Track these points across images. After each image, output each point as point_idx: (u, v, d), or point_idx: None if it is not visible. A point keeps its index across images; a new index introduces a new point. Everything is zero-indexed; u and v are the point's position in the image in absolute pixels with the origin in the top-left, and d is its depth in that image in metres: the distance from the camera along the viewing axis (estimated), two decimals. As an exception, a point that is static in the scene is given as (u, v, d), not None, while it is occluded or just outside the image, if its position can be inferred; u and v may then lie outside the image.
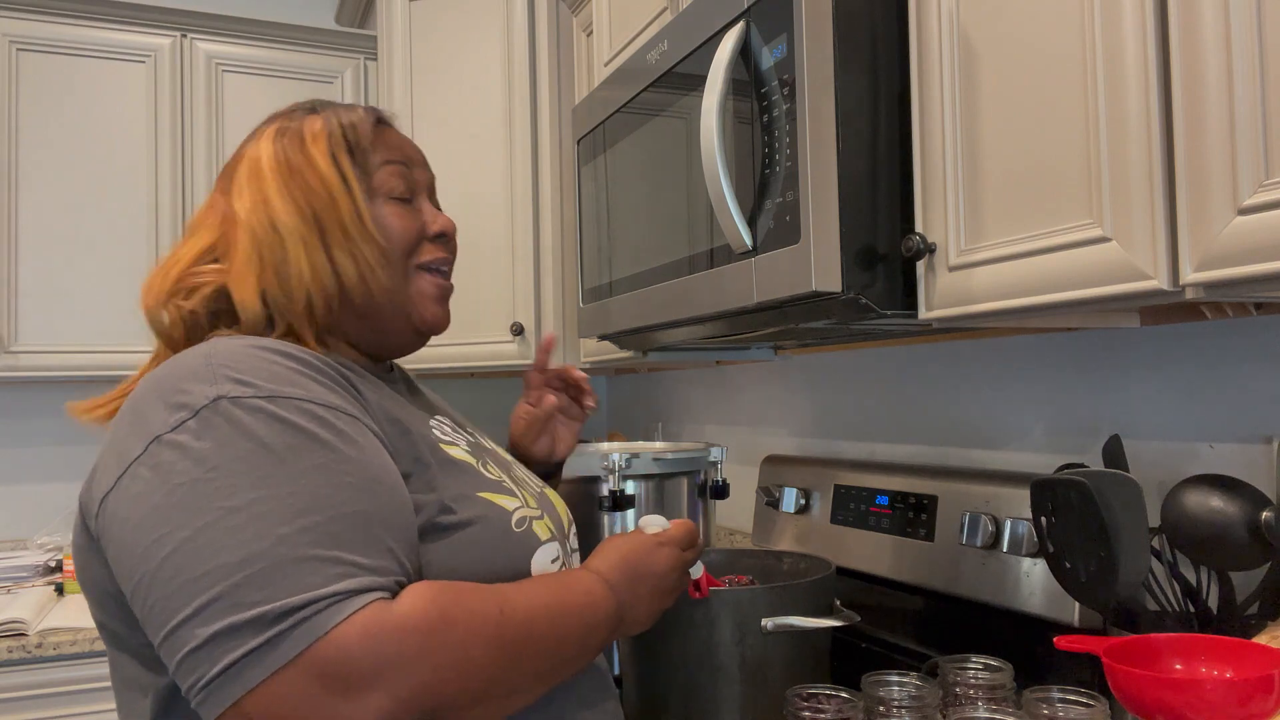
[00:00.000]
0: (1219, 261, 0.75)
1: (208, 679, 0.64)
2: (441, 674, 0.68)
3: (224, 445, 0.70)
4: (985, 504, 1.33)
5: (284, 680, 0.64)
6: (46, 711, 2.00)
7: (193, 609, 0.65)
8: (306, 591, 0.65)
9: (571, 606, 0.81)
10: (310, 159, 0.88)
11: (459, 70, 2.32)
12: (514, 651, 0.74)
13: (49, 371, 2.32)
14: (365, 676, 0.65)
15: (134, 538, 0.69)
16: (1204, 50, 0.76)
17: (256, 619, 0.64)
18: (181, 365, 0.76)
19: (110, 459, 0.74)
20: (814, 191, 1.04)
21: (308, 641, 0.64)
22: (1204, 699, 0.77)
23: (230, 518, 0.67)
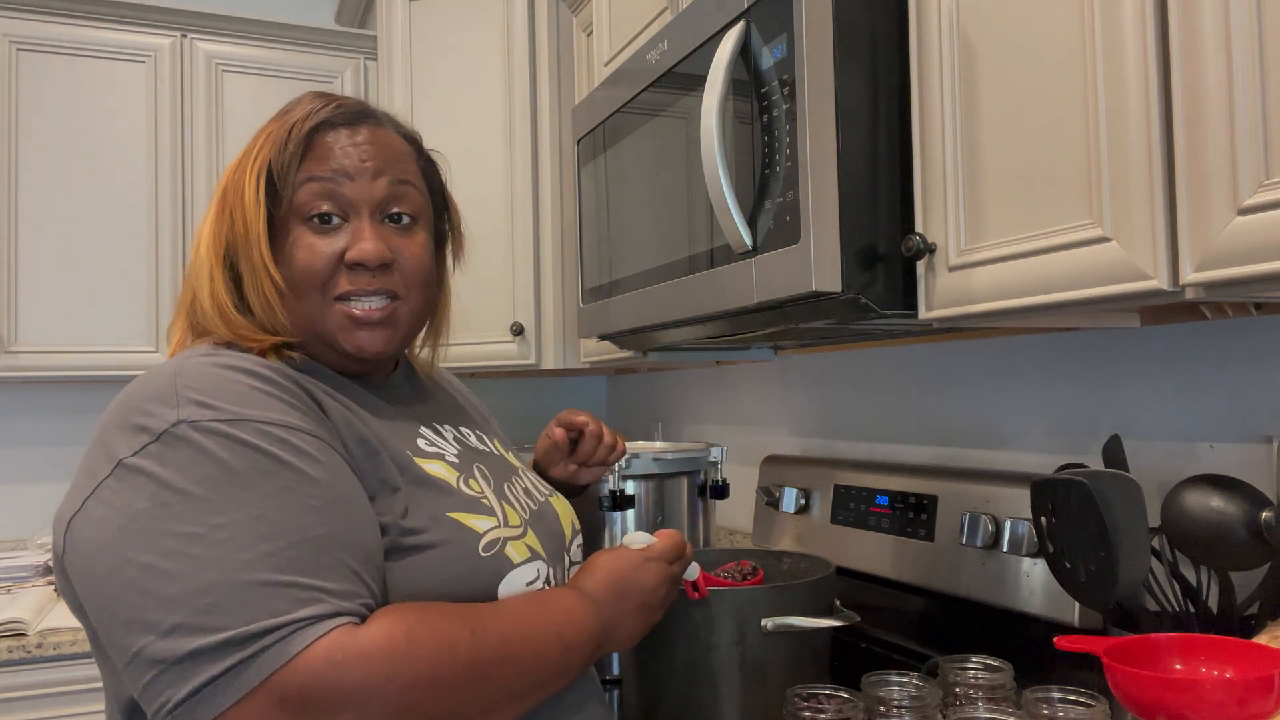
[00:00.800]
0: (1219, 261, 0.75)
1: (175, 702, 0.64)
2: (410, 698, 0.68)
3: (185, 470, 0.70)
4: (985, 504, 1.33)
5: (250, 706, 0.64)
6: (46, 711, 2.00)
7: (157, 634, 0.65)
8: (271, 617, 0.65)
9: (549, 626, 0.80)
10: (241, 182, 0.85)
11: (459, 70, 2.32)
12: (486, 672, 0.73)
13: (49, 371, 2.32)
14: (330, 703, 0.65)
15: (97, 561, 0.69)
16: (1204, 50, 0.76)
17: (222, 644, 0.64)
18: (148, 385, 0.76)
19: (81, 478, 0.74)
20: (814, 191, 1.04)
21: (272, 668, 0.64)
22: (1204, 699, 0.77)
23: (191, 544, 0.67)
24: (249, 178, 0.84)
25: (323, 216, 0.85)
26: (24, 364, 2.30)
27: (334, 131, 0.86)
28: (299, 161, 0.84)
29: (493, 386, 2.93)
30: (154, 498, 0.69)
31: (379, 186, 0.86)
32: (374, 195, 0.86)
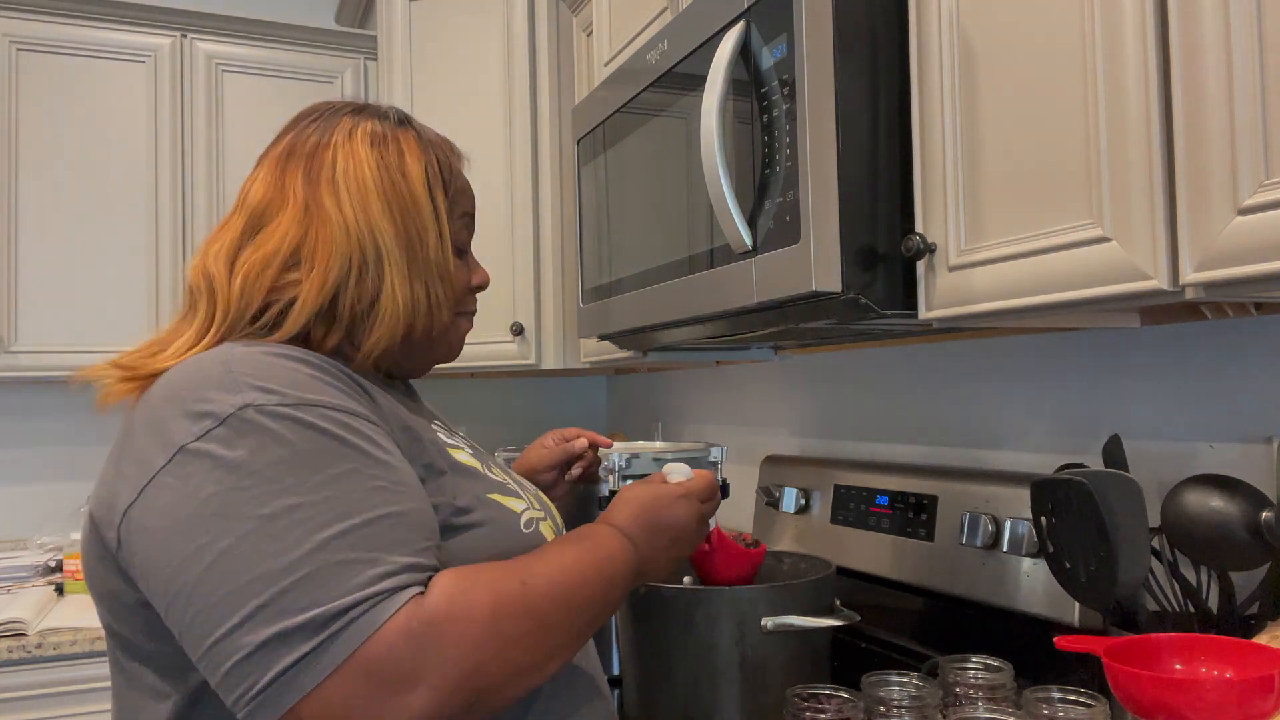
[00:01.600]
0: (1219, 261, 0.75)
1: (260, 687, 0.64)
2: (480, 656, 0.69)
3: (255, 453, 0.69)
4: (985, 504, 1.33)
5: (336, 684, 0.64)
6: (46, 711, 2.00)
7: (239, 618, 0.65)
8: (352, 594, 0.65)
9: (591, 565, 0.81)
10: (410, 182, 0.88)
11: (459, 70, 2.32)
12: (543, 619, 0.74)
13: (49, 371, 2.32)
14: (411, 671, 0.65)
15: (168, 550, 0.69)
16: (1204, 50, 0.76)
17: (305, 624, 0.64)
18: (199, 373, 0.75)
19: (129, 469, 0.73)
20: (814, 191, 1.04)
21: (357, 643, 0.64)
22: (1204, 699, 0.77)
23: (269, 525, 0.67)
24: (419, 186, 0.89)
25: (461, 250, 0.96)
26: (24, 364, 2.30)
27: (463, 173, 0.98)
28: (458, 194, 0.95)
29: (493, 386, 2.93)
30: (223, 481, 0.68)
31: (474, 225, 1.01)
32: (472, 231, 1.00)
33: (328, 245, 0.84)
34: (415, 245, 0.88)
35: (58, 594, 2.34)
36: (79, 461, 2.60)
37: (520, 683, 0.72)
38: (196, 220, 2.46)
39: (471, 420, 2.86)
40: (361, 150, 0.87)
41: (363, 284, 0.84)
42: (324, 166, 0.87)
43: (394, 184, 0.87)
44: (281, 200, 0.86)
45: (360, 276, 0.84)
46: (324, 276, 0.83)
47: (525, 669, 0.72)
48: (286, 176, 0.88)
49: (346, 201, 0.85)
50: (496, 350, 2.27)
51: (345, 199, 0.85)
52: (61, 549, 2.42)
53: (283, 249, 0.84)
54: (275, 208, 0.86)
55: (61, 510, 2.58)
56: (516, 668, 0.71)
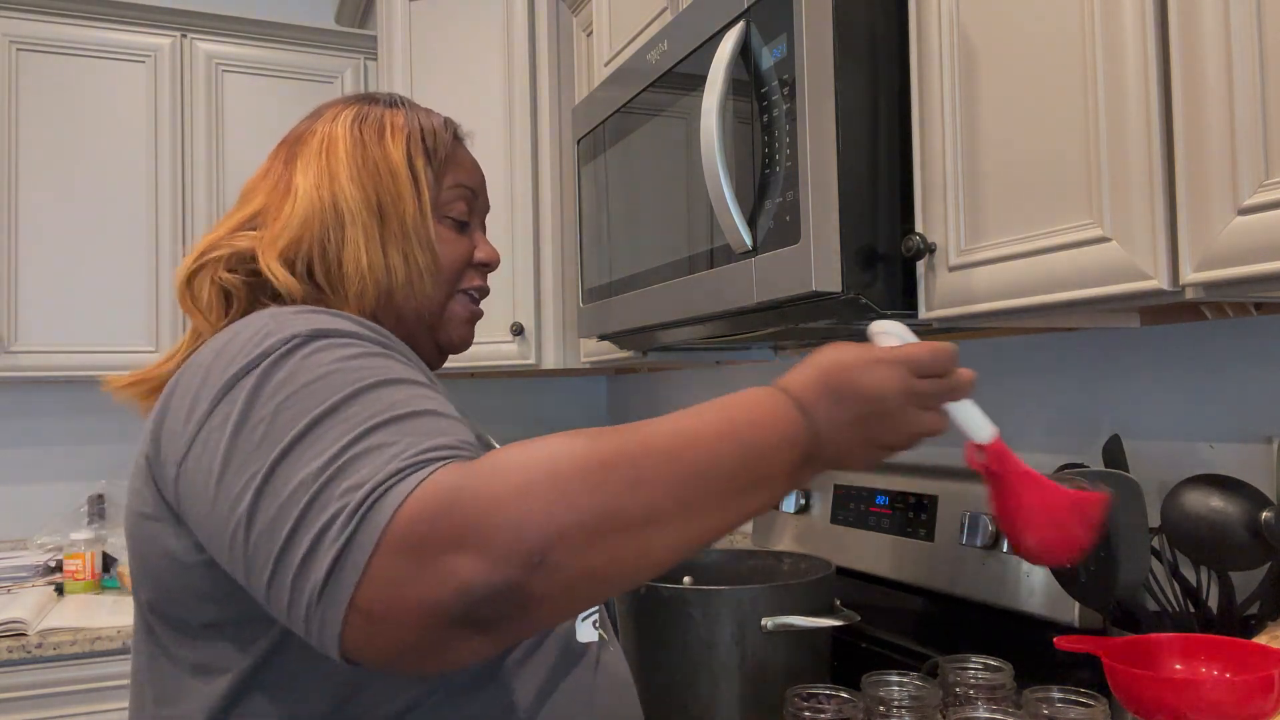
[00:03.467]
0: (1219, 261, 0.75)
1: (319, 585, 0.58)
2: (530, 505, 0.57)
3: (295, 374, 0.67)
4: (985, 504, 1.33)
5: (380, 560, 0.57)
6: (46, 711, 2.00)
7: (292, 524, 0.60)
8: (389, 464, 0.60)
9: (721, 423, 0.67)
10: (386, 151, 0.88)
11: (459, 70, 2.32)
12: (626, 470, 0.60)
13: (49, 371, 2.32)
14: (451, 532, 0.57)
15: (223, 487, 0.65)
16: (1204, 50, 0.76)
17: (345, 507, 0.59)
18: (247, 328, 0.73)
19: (179, 422, 0.71)
20: (814, 191, 1.04)
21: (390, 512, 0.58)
22: (1204, 699, 0.77)
23: (314, 429, 0.63)
24: (396, 152, 0.88)
25: (460, 221, 0.93)
26: (24, 364, 2.30)
27: (464, 146, 0.97)
28: (448, 164, 0.93)
29: (493, 386, 2.93)
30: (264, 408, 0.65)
31: (488, 204, 0.98)
32: (485, 208, 0.98)
33: (288, 211, 0.85)
34: (388, 211, 0.86)
35: (58, 594, 2.34)
36: (79, 461, 2.60)
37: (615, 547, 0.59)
38: (196, 220, 2.46)
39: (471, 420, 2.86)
40: (340, 129, 0.89)
41: (326, 246, 0.84)
42: (302, 146, 0.89)
43: (367, 151, 0.88)
44: (262, 182, 0.89)
45: (323, 241, 0.84)
46: (276, 234, 0.84)
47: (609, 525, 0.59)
48: (272, 163, 0.91)
49: (313, 172, 0.86)
50: (496, 350, 2.27)
51: (313, 170, 0.87)
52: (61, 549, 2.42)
53: (237, 218, 0.87)
54: (254, 190, 0.89)
55: (61, 510, 2.58)
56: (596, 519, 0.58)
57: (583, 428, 0.64)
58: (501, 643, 0.60)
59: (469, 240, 0.94)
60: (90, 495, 2.58)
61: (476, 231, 0.96)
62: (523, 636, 0.61)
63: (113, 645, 2.03)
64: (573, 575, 0.58)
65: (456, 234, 0.93)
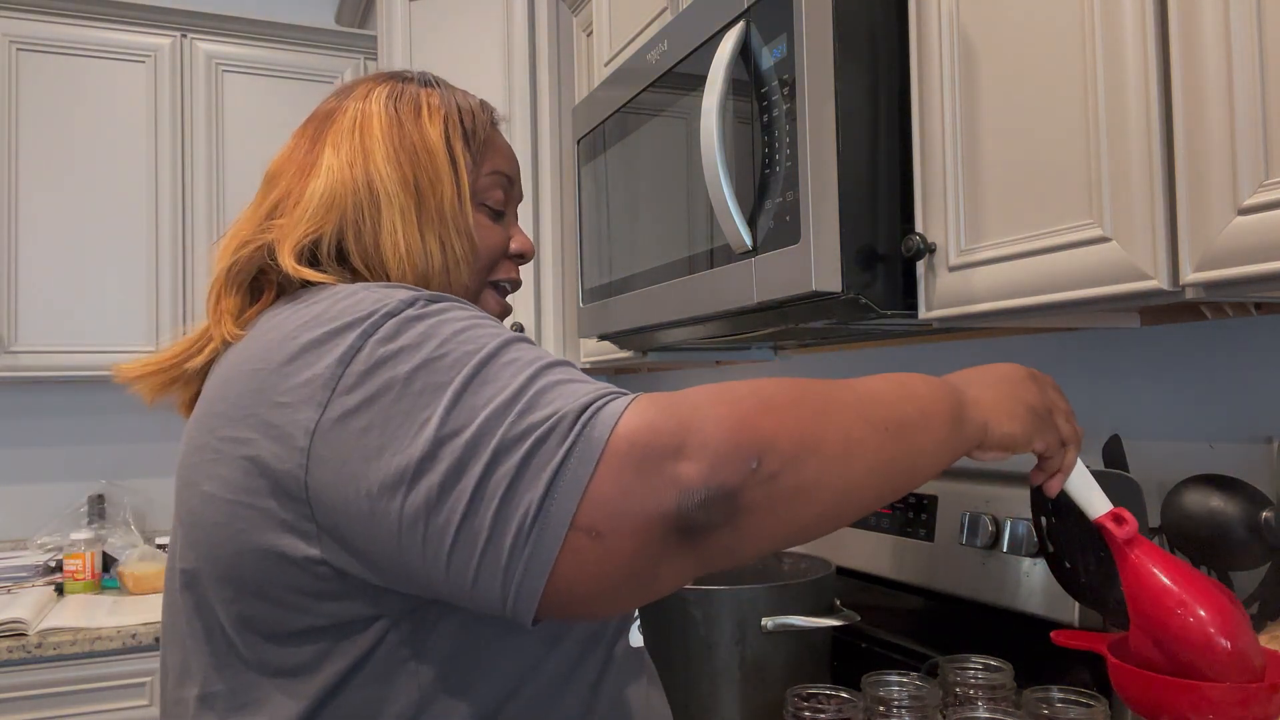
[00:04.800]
0: (1219, 261, 0.75)
1: (538, 500, 0.56)
2: (743, 410, 0.60)
3: (436, 327, 0.64)
4: (985, 504, 1.33)
5: (605, 473, 0.57)
6: (46, 711, 2.00)
7: (492, 450, 0.57)
8: (587, 394, 0.60)
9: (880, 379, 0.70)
10: (424, 131, 0.84)
11: (459, 70, 2.32)
12: (818, 396, 0.64)
13: (49, 371, 2.32)
14: (672, 439, 0.58)
15: (387, 438, 0.61)
16: (1204, 50, 0.76)
17: (555, 424, 0.58)
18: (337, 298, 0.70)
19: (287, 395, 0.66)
20: (814, 191, 1.04)
21: (610, 424, 0.58)
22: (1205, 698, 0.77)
23: (482, 370, 0.61)
24: (434, 133, 0.84)
25: (496, 210, 0.90)
26: (24, 364, 2.30)
27: (500, 132, 0.92)
28: (486, 150, 0.89)
29: (493, 386, 2.92)
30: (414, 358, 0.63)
31: (521, 191, 0.94)
32: (519, 197, 0.94)
33: (311, 191, 0.81)
34: (426, 193, 0.83)
35: (58, 594, 2.34)
36: (79, 461, 2.60)
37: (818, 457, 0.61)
38: (196, 220, 2.46)
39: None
40: (374, 105, 0.85)
41: (361, 228, 0.80)
42: (333, 124, 0.85)
43: (403, 131, 0.84)
44: (289, 163, 0.85)
45: (357, 222, 0.80)
46: (297, 219, 0.79)
47: (812, 436, 0.61)
48: (301, 141, 0.86)
49: (346, 150, 0.82)
50: (496, 350, 2.27)
51: (346, 148, 0.82)
52: (61, 549, 2.42)
53: (266, 203, 0.82)
54: (281, 172, 0.85)
55: (61, 510, 2.58)
56: (799, 430, 0.60)
57: None
58: (705, 562, 0.60)
59: (504, 229, 0.90)
60: (90, 495, 2.59)
61: (512, 221, 0.92)
62: (724, 560, 0.60)
63: (113, 645, 2.03)
64: (783, 488, 0.59)
65: (492, 222, 0.89)
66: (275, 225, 0.80)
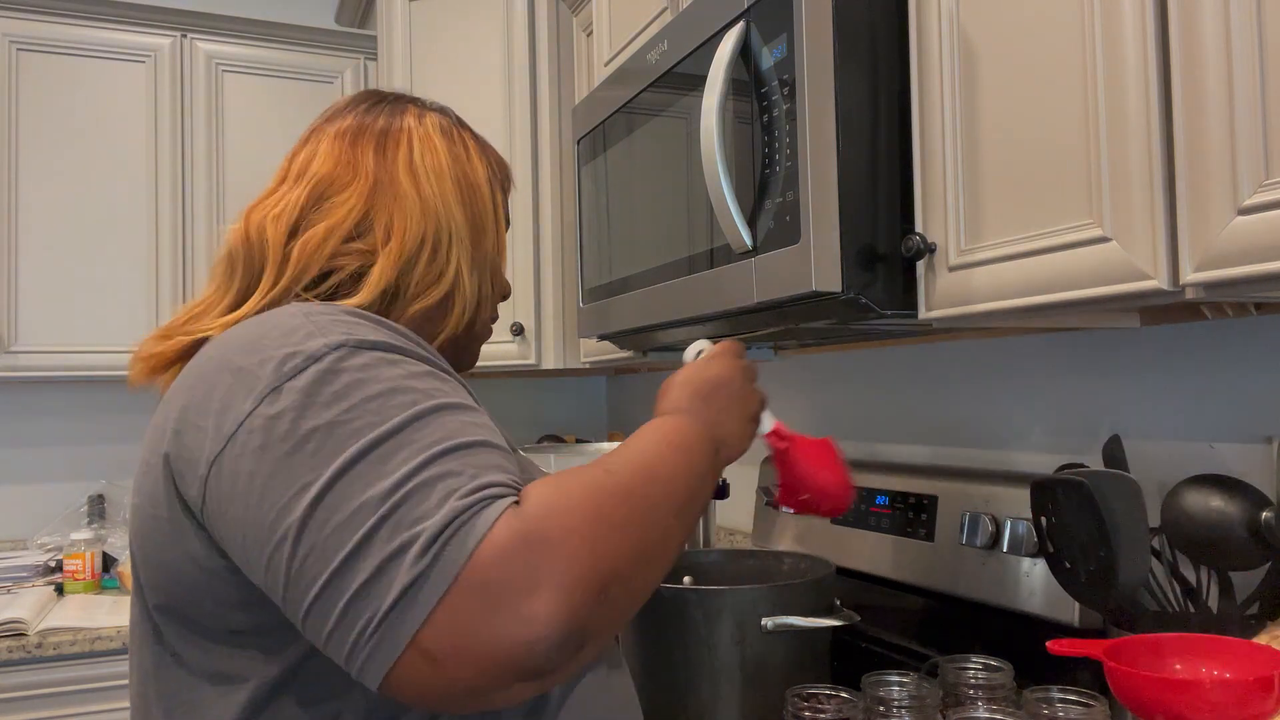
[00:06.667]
0: (1219, 261, 0.75)
1: (381, 614, 0.58)
2: (593, 544, 0.63)
3: (350, 388, 0.66)
4: (985, 504, 1.33)
5: (454, 600, 0.58)
6: (46, 711, 2.00)
7: (355, 542, 0.60)
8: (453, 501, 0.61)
9: (659, 442, 0.76)
10: (477, 176, 0.91)
11: (459, 70, 2.32)
12: (642, 498, 0.69)
13: (49, 371, 2.32)
14: (527, 574, 0.59)
15: (268, 494, 0.63)
16: (1204, 50, 0.76)
17: (419, 536, 0.59)
18: (278, 325, 0.72)
19: (207, 419, 0.69)
20: (814, 191, 1.04)
21: (467, 552, 0.59)
22: (1204, 699, 0.77)
23: (374, 450, 0.63)
24: (483, 183, 0.92)
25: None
26: (24, 364, 2.30)
27: None
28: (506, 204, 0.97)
29: (493, 386, 2.93)
30: (319, 418, 0.64)
31: None
32: None
33: (404, 220, 0.85)
34: (480, 236, 0.90)
35: (58, 594, 2.34)
36: (79, 461, 2.60)
37: (648, 569, 0.67)
38: (196, 220, 2.46)
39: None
40: (435, 137, 0.90)
41: (434, 263, 0.86)
42: (399, 146, 0.88)
43: (465, 174, 0.90)
44: (351, 174, 0.86)
45: (433, 255, 0.86)
46: (400, 247, 0.84)
47: (644, 551, 0.67)
48: (357, 152, 0.87)
49: (425, 181, 0.87)
50: (496, 350, 2.27)
51: (424, 179, 0.87)
52: (61, 549, 2.42)
53: (348, 221, 0.84)
54: (344, 181, 0.86)
55: (61, 510, 2.58)
56: (635, 550, 0.66)
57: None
58: (546, 687, 0.62)
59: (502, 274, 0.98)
60: (90, 495, 2.59)
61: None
62: (561, 681, 0.64)
63: (113, 645, 2.03)
64: (622, 606, 0.64)
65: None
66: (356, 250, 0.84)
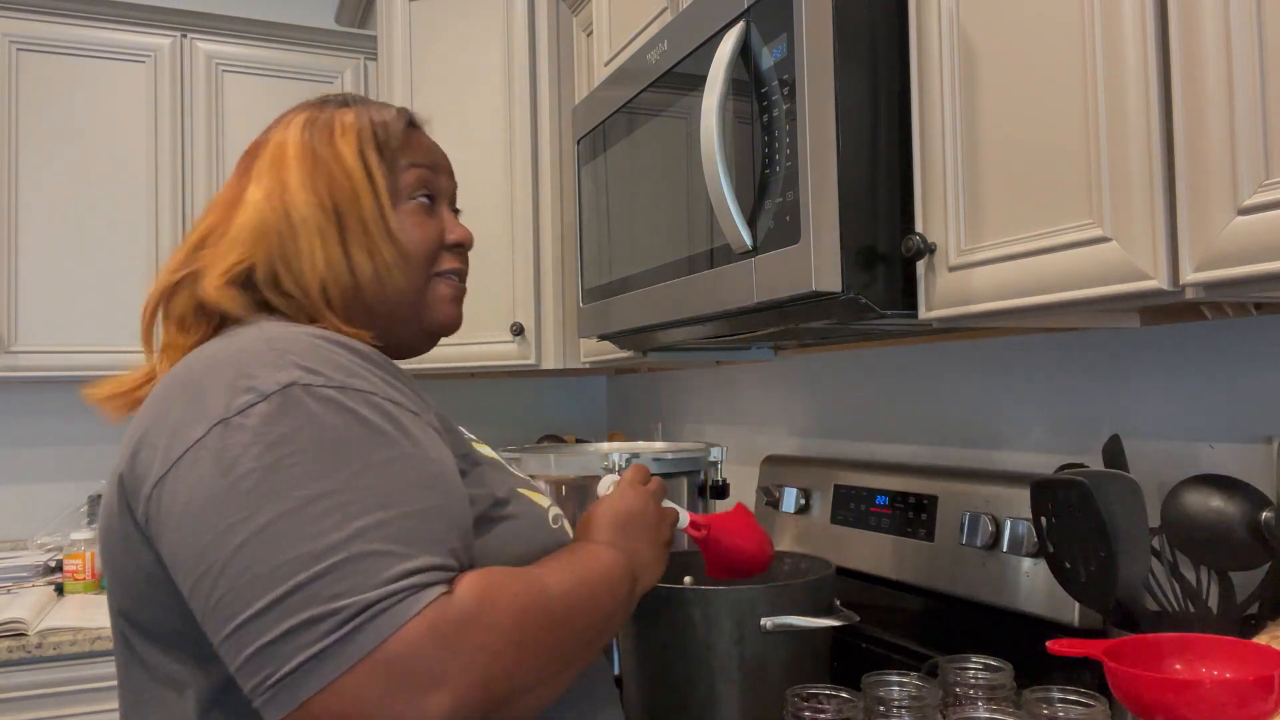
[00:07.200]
0: (1219, 261, 0.75)
1: (280, 675, 0.62)
2: (504, 661, 0.66)
3: (298, 432, 0.67)
4: (985, 504, 1.33)
5: (355, 678, 0.61)
6: (46, 711, 2.00)
7: (267, 601, 0.62)
8: (380, 587, 0.63)
9: (592, 573, 0.80)
10: (337, 151, 0.87)
11: (459, 70, 2.32)
12: (566, 627, 0.73)
13: (49, 371, 2.32)
14: (433, 671, 0.63)
15: (199, 525, 0.66)
16: (1204, 50, 0.76)
17: (332, 613, 0.62)
18: (242, 349, 0.73)
19: (162, 439, 0.71)
20: (814, 191, 1.04)
21: (381, 638, 0.62)
22: (1204, 699, 0.77)
23: (306, 508, 0.65)
24: (347, 151, 0.88)
25: (426, 199, 0.92)
26: (24, 364, 2.30)
27: (419, 130, 0.95)
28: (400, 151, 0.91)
29: (493, 386, 2.93)
30: (261, 459, 0.66)
31: (454, 184, 0.97)
32: (451, 189, 0.97)
33: (237, 224, 0.86)
34: (345, 210, 0.86)
35: (58, 594, 2.34)
36: (79, 461, 2.60)
37: (538, 694, 0.71)
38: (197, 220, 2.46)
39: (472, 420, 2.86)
40: (291, 134, 0.89)
41: (286, 256, 0.84)
42: (256, 158, 0.90)
43: (316, 154, 0.87)
44: (219, 198, 0.91)
45: (283, 250, 0.84)
46: (223, 252, 0.85)
47: (545, 678, 0.71)
48: (232, 177, 0.91)
49: (265, 182, 0.87)
50: (496, 350, 2.27)
51: (265, 180, 0.87)
52: (61, 549, 2.42)
53: (195, 236, 0.88)
54: (211, 207, 0.90)
55: (61, 510, 2.58)
56: (537, 676, 0.70)
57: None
58: None
59: (438, 222, 0.93)
60: (90, 495, 2.58)
61: (446, 212, 0.94)
62: None
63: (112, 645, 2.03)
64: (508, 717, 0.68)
65: (424, 216, 0.91)
66: (201, 256, 0.86)
